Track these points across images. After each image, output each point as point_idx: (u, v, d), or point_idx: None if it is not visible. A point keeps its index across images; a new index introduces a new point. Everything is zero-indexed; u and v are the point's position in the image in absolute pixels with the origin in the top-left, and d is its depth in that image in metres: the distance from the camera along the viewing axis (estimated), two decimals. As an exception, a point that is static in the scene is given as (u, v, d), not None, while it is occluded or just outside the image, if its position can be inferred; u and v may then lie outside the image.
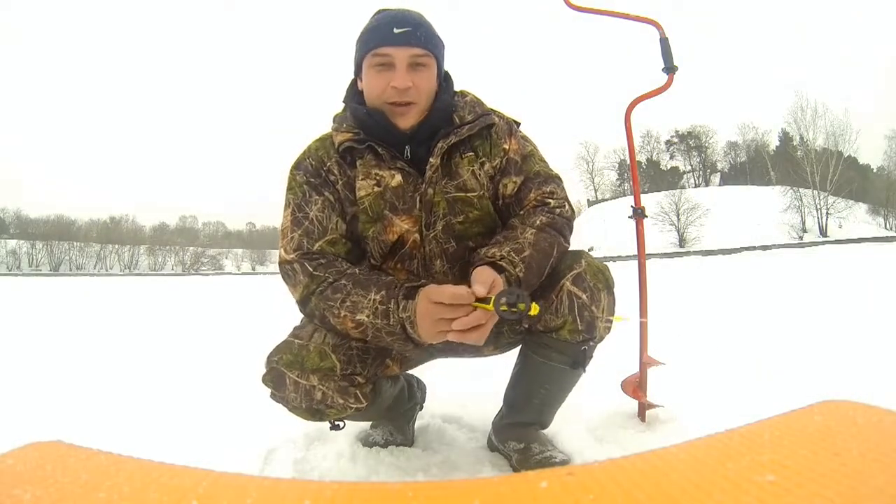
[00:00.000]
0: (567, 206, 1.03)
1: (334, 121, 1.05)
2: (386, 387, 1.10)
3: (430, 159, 0.97)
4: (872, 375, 1.58)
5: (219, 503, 0.50)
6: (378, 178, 0.98)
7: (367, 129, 0.98)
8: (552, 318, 0.99)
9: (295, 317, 1.05)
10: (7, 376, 2.27)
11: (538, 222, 0.97)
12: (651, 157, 53.89)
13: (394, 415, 1.24)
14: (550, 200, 1.02)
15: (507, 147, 1.04)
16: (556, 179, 1.06)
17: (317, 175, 1.00)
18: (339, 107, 1.07)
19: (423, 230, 0.99)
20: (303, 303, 0.96)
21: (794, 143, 36.46)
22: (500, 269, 0.88)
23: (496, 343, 1.11)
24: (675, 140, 54.45)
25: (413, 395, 1.30)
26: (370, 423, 1.31)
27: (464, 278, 0.95)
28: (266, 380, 0.99)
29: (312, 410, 0.97)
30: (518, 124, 1.09)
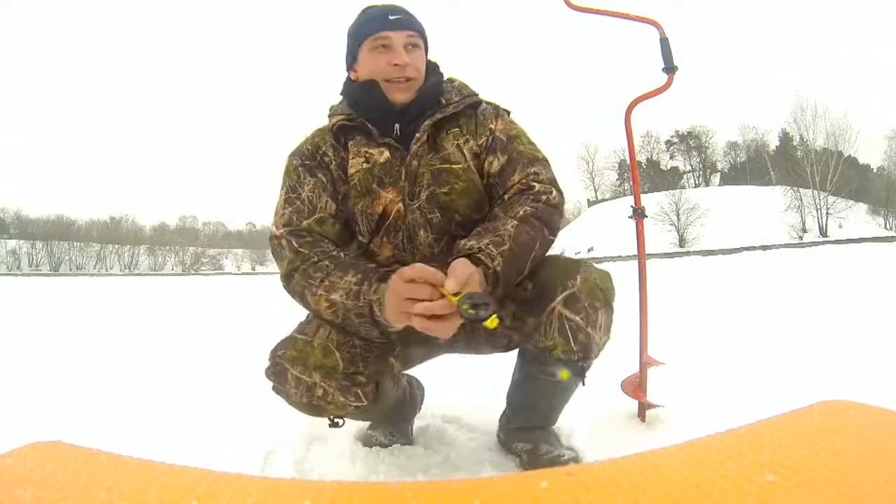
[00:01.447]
0: (554, 192, 1.00)
1: (330, 109, 1.10)
2: (389, 387, 1.11)
3: (416, 134, 1.01)
4: (872, 375, 1.58)
5: (219, 503, 0.50)
6: (367, 155, 1.02)
7: (360, 108, 1.03)
8: (542, 339, 0.96)
9: (295, 318, 1.06)
10: (7, 376, 2.27)
11: (521, 212, 0.95)
12: (651, 157, 53.88)
13: (395, 415, 1.25)
14: (535, 184, 1.00)
15: (493, 127, 1.06)
16: (543, 162, 1.04)
17: (312, 158, 1.05)
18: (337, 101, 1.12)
19: (405, 200, 1.01)
20: (286, 278, 0.98)
21: (794, 143, 36.46)
22: (477, 262, 0.87)
23: (493, 343, 1.09)
24: (675, 140, 54.47)
25: (413, 395, 1.31)
26: (370, 423, 1.31)
27: (450, 253, 0.93)
28: (268, 373, 1.00)
29: (312, 406, 0.99)
30: (508, 112, 1.11)
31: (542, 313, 0.95)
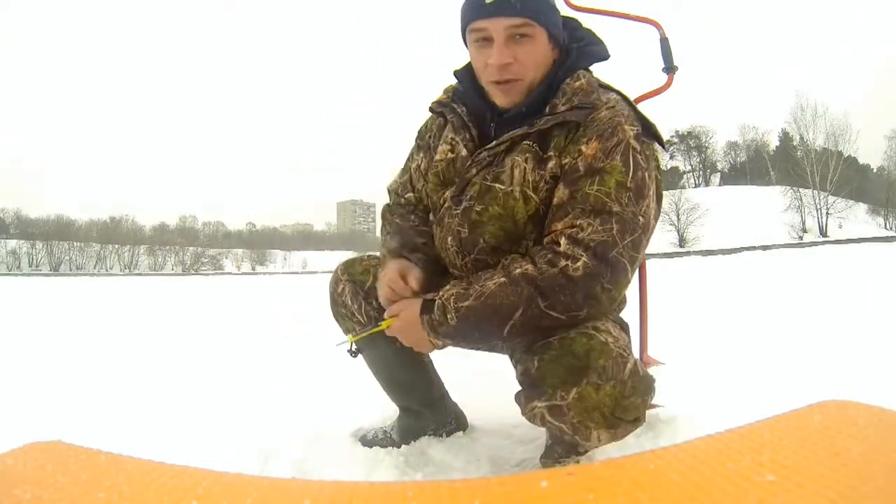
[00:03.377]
0: (583, 261, 0.78)
1: (455, 75, 1.04)
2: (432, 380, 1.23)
3: (496, 141, 0.92)
4: (872, 375, 1.58)
5: (219, 503, 0.50)
6: (453, 143, 1.00)
7: (464, 93, 1.00)
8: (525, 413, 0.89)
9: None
10: (7, 376, 2.27)
11: (518, 271, 0.81)
12: (651, 157, 53.83)
13: (417, 407, 1.24)
14: (562, 243, 0.80)
15: (583, 148, 0.85)
16: (609, 217, 0.80)
17: (422, 138, 1.10)
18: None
19: (450, 205, 0.97)
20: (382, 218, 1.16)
21: (794, 143, 36.46)
22: (432, 310, 0.86)
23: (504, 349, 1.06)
24: (675, 140, 54.43)
25: (442, 416, 1.26)
26: (370, 428, 1.32)
27: (473, 270, 0.94)
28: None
29: (333, 300, 1.14)
30: (653, 136, 0.92)
31: (523, 397, 0.87)
